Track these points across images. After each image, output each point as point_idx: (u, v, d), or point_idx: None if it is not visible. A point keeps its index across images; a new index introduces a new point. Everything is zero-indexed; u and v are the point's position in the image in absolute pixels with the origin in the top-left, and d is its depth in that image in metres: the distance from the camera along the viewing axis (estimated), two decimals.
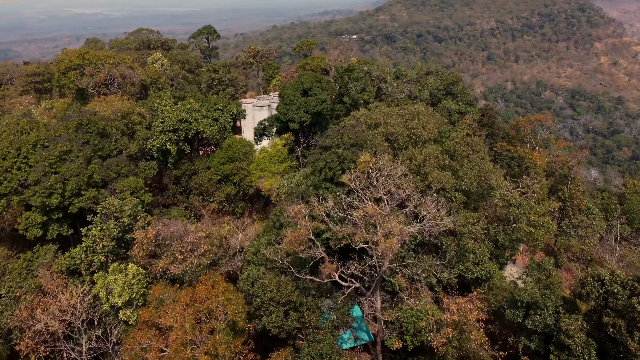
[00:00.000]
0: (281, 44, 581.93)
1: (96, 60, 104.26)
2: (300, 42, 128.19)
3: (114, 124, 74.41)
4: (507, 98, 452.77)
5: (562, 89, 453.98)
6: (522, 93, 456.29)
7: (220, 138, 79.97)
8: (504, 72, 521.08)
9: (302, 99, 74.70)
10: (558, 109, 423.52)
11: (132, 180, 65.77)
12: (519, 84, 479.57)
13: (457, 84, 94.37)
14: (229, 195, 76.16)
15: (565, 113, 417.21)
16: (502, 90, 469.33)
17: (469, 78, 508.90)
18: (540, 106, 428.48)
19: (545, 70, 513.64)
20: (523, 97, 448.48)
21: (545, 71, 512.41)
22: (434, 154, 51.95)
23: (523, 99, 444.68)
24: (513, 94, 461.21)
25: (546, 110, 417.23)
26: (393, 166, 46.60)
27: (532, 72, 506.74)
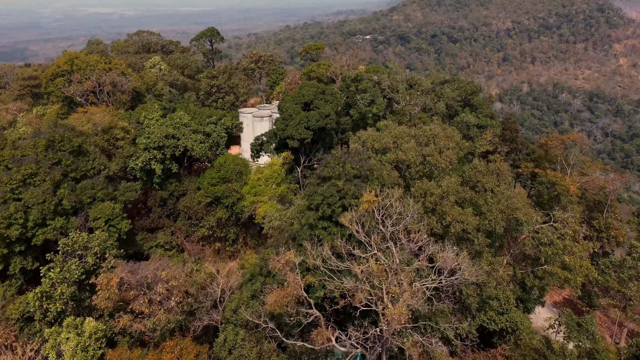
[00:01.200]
0: (293, 44, 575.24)
1: (85, 66, 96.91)
2: (307, 45, 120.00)
3: (93, 140, 66.75)
4: (523, 100, 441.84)
5: (580, 91, 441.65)
6: (539, 95, 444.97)
7: (212, 155, 72.14)
8: (520, 73, 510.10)
9: (302, 114, 66.45)
10: (575, 112, 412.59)
11: (107, 207, 57.96)
12: (535, 85, 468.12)
13: (477, 94, 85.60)
14: (220, 219, 68.25)
15: (583, 116, 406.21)
16: (517, 92, 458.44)
17: (484, 79, 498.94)
18: (557, 109, 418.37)
19: (563, 72, 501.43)
20: (539, 99, 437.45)
21: (562, 73, 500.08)
22: (453, 188, 43.49)
23: (539, 102, 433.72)
24: (529, 96, 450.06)
25: (563, 113, 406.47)
26: (403, 205, 38.20)
27: (549, 74, 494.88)
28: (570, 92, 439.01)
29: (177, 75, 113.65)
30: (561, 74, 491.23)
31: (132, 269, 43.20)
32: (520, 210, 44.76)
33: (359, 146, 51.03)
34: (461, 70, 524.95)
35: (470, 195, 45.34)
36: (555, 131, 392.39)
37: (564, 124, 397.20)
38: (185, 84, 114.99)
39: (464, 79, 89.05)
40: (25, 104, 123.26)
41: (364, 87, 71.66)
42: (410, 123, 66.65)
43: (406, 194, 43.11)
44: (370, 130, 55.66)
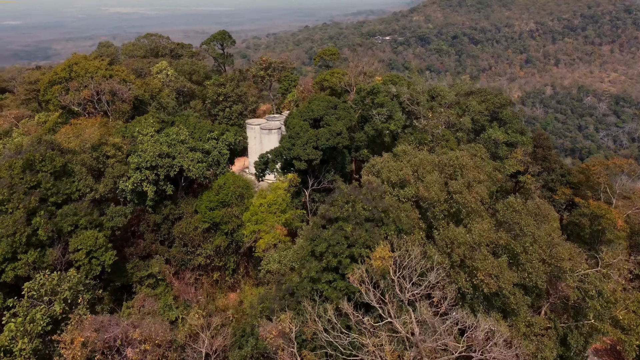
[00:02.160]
0: (312, 44, 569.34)
1: (84, 73, 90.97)
2: (321, 50, 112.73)
3: (80, 158, 60.37)
4: (546, 103, 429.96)
5: (605, 95, 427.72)
6: (562, 98, 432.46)
7: (211, 175, 65.40)
8: (543, 76, 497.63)
9: (311, 132, 59.32)
10: (601, 116, 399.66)
11: (89, 237, 51.50)
12: (558, 88, 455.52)
13: (505, 107, 77.63)
14: (219, 247, 61.47)
15: (608, 120, 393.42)
16: (540, 95, 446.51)
17: (506, 82, 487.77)
18: (581, 112, 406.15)
19: (588, 75, 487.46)
20: (563, 102, 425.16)
21: (587, 75, 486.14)
22: (486, 237, 35.97)
23: (563, 105, 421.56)
24: (552, 99, 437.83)
25: (588, 117, 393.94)
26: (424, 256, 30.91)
27: (573, 77, 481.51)
28: (596, 95, 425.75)
29: (184, 82, 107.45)
30: (586, 77, 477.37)
31: (100, 325, 36.46)
32: (567, 260, 37.18)
33: (372, 178, 43.84)
34: (482, 72, 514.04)
35: (506, 240, 37.88)
36: (579, 135, 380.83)
37: (588, 129, 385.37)
38: (193, 90, 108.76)
39: (491, 90, 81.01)
40: (28, 110, 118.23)
41: (381, 101, 64.31)
42: (432, 143, 59.26)
43: (428, 241, 35.84)
44: (387, 156, 48.39)
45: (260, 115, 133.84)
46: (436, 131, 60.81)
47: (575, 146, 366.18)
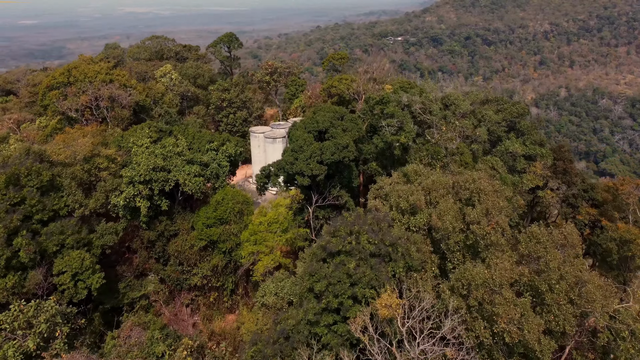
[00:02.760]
0: (323, 45, 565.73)
1: (83, 78, 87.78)
2: (330, 55, 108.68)
3: (71, 171, 56.78)
4: (560, 105, 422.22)
5: (621, 97, 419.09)
6: (577, 101, 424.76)
7: (210, 189, 61.61)
8: (557, 77, 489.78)
9: (315, 145, 55.26)
10: (616, 119, 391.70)
11: (75, 258, 47.91)
12: (573, 90, 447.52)
13: (523, 117, 73.08)
14: (216, 267, 57.65)
15: (624, 123, 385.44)
16: (555, 97, 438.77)
17: (520, 84, 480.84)
18: (596, 115, 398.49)
19: (603, 77, 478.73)
20: (578, 105, 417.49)
21: (602, 77, 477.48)
22: (508, 277, 31.59)
23: (578, 107, 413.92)
24: (567, 101, 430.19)
25: (603, 120, 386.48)
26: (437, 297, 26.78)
27: (588, 79, 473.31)
28: (611, 97, 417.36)
29: (188, 86, 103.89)
30: (601, 79, 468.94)
31: None
32: (598, 301, 32.84)
33: (379, 204, 39.74)
34: (495, 74, 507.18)
35: (529, 277, 33.60)
36: (594, 138, 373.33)
37: (603, 132, 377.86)
38: (197, 95, 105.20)
39: (507, 99, 76.47)
40: (30, 114, 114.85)
41: (391, 112, 60.12)
42: (446, 159, 55.00)
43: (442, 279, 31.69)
44: (396, 176, 44.26)
45: (267, 120, 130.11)
46: (450, 145, 56.52)
47: (590, 149, 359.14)
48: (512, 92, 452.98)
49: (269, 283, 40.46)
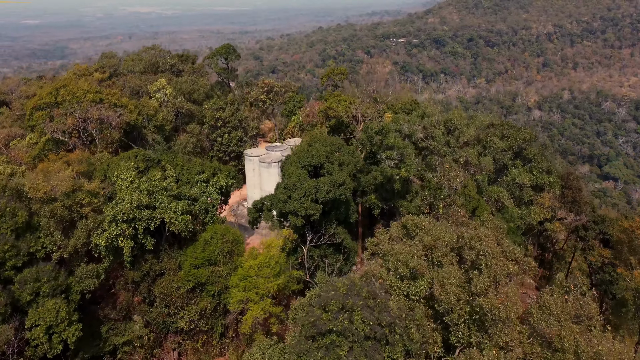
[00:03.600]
0: (325, 46, 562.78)
1: (71, 98, 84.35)
2: (329, 69, 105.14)
3: (50, 209, 53.37)
4: (564, 108, 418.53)
5: (625, 100, 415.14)
6: (580, 103, 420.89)
7: (199, 226, 58.16)
8: (560, 80, 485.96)
9: (309, 183, 51.82)
10: (620, 122, 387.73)
11: (50, 309, 44.54)
12: (577, 93, 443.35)
13: (530, 143, 69.60)
14: (204, 310, 54.26)
15: (628, 126, 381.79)
16: (558, 99, 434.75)
17: (523, 86, 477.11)
18: (600, 118, 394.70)
19: (607, 79, 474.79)
20: (581, 107, 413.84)
21: (606, 80, 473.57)
22: None
23: (581, 110, 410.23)
24: (570, 104, 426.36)
25: (607, 123, 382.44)
26: None
27: (591, 81, 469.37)
28: (615, 100, 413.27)
29: (183, 102, 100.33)
30: (605, 81, 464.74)
31: None
32: None
33: (376, 268, 36.22)
34: (498, 76, 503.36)
35: (542, 357, 30.05)
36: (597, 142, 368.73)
37: (607, 135, 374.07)
38: (191, 112, 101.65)
39: (513, 124, 72.95)
40: (21, 129, 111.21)
41: (391, 143, 56.63)
42: (449, 199, 51.48)
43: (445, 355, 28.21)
44: (395, 228, 40.76)
45: (265, 133, 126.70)
46: (454, 185, 52.98)
47: (593, 153, 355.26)
48: (515, 94, 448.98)
49: (255, 351, 37.11)
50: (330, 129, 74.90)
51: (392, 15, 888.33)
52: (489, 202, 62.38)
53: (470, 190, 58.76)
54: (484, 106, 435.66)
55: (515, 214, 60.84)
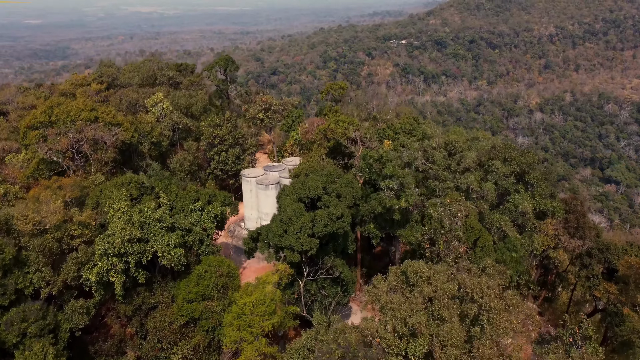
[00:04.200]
0: (327, 48, 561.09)
1: (65, 117, 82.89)
2: (329, 84, 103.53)
3: (39, 242, 51.87)
4: (566, 110, 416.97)
5: (627, 102, 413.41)
6: (582, 105, 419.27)
7: (193, 257, 56.61)
8: (562, 81, 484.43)
9: (306, 217, 50.30)
10: (622, 124, 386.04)
11: (37, 353, 43.08)
12: (578, 95, 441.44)
13: (533, 167, 67.96)
14: (198, 346, 52.74)
15: (630, 129, 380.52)
16: (560, 101, 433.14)
17: (524, 88, 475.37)
18: (602, 120, 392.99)
19: (609, 81, 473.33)
20: (583, 109, 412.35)
21: (608, 82, 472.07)
22: None
23: (583, 112, 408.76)
24: (572, 106, 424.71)
25: (609, 126, 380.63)
26: None
27: (593, 83, 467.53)
28: (617, 102, 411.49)
29: (180, 118, 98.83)
30: (607, 83, 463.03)
31: None
32: None
33: (372, 325, 34.54)
34: (500, 78, 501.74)
35: None
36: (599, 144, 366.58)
37: (609, 137, 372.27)
38: (189, 127, 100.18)
39: (517, 147, 71.30)
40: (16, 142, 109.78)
41: (391, 172, 55.07)
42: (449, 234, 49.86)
43: None
44: (394, 277, 39.13)
45: (265, 144, 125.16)
46: (456, 222, 51.32)
47: (595, 155, 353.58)
48: (516, 96, 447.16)
49: None
50: (328, 150, 73.43)
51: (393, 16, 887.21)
52: (491, 231, 60.78)
53: (471, 219, 57.12)
54: (486, 108, 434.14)
55: (518, 243, 59.24)
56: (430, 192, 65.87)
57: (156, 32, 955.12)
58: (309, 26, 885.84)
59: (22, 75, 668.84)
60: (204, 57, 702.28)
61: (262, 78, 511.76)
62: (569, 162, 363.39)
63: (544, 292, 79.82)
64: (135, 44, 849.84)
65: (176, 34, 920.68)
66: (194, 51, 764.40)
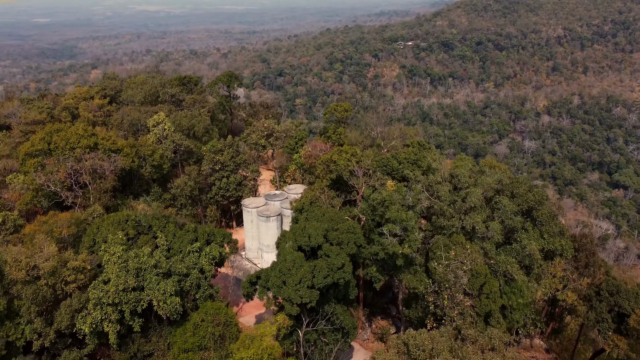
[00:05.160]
0: (333, 49, 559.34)
1: (64, 145, 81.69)
2: (333, 105, 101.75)
3: (32, 290, 50.55)
4: (573, 113, 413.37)
5: (635, 105, 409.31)
6: (590, 108, 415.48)
7: (190, 303, 55.17)
8: (570, 84, 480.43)
9: (305, 267, 48.72)
10: (631, 128, 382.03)
11: None
12: (586, 98, 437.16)
13: (543, 204, 66.07)
14: None
15: (639, 133, 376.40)
16: (567, 104, 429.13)
17: (532, 90, 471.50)
18: (610, 124, 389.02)
19: (617, 84, 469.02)
20: (591, 112, 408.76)
21: (617, 84, 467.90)
22: None
23: (591, 115, 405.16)
24: (580, 109, 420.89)
25: (617, 129, 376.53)
26: None
27: (602, 85, 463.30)
28: (625, 105, 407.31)
29: (182, 140, 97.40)
30: (616, 86, 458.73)
31: None
32: None
33: None
34: (507, 80, 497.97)
35: None
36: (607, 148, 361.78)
37: (617, 141, 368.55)
38: (190, 149, 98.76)
39: (524, 180, 69.25)
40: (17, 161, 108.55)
41: (394, 217, 53.37)
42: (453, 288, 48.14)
43: None
44: (394, 350, 37.45)
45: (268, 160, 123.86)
46: (461, 277, 49.56)
47: (603, 160, 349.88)
48: (524, 98, 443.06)
49: None
50: (331, 182, 71.71)
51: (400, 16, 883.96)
52: (497, 273, 59.08)
53: (477, 264, 55.52)
54: (492, 111, 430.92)
55: (525, 289, 57.56)
56: (435, 228, 64.28)
57: (163, 31, 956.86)
58: (315, 26, 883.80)
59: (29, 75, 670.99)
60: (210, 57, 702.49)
61: (268, 79, 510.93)
62: (576, 166, 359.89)
63: (551, 324, 77.92)
64: (142, 44, 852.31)
65: (183, 33, 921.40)
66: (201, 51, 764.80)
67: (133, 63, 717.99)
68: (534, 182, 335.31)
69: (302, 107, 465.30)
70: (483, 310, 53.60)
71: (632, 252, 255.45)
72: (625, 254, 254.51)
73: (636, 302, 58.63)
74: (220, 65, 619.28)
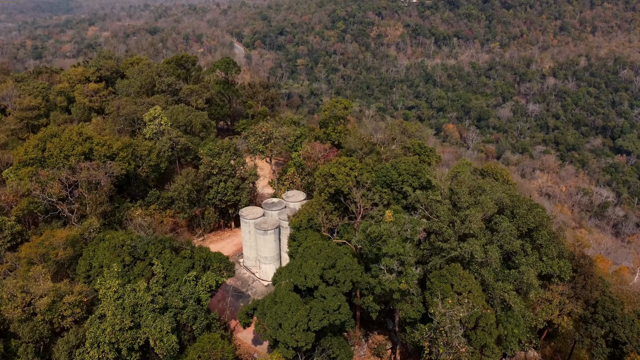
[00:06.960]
0: (335, 6, 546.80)
1: (58, 153, 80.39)
2: (332, 100, 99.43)
3: (29, 328, 50.72)
4: (579, 76, 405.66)
5: None
6: (597, 70, 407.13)
7: (187, 336, 55.40)
8: (577, 45, 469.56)
9: (301, 311, 48.52)
10: (637, 91, 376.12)
11: None
12: (593, 59, 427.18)
13: (544, 225, 65.25)
14: None
15: None
16: (574, 66, 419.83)
17: (538, 51, 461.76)
18: (616, 86, 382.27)
19: (626, 44, 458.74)
20: (597, 75, 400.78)
21: (625, 45, 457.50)
22: None
23: (597, 78, 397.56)
24: (586, 71, 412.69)
25: (623, 92, 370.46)
26: None
27: (610, 46, 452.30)
28: (633, 67, 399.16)
29: (179, 136, 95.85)
30: (624, 47, 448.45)
31: None
32: None
33: None
34: (513, 40, 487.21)
35: None
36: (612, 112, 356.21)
37: (622, 105, 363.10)
38: (187, 147, 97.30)
39: (525, 201, 67.86)
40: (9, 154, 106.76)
41: (392, 252, 52.77)
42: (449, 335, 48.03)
43: None
44: None
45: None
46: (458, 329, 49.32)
47: (607, 124, 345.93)
48: (529, 60, 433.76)
49: None
50: (329, 195, 70.74)
51: None
52: (494, 300, 59.00)
53: (474, 294, 55.33)
54: (497, 72, 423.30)
55: (521, 319, 57.59)
56: (434, 249, 63.90)
57: None
58: None
59: (25, 31, 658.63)
60: (210, 13, 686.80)
61: (269, 38, 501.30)
62: (579, 130, 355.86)
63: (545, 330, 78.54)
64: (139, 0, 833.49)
65: None
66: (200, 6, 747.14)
67: (131, 19, 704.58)
68: (537, 147, 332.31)
69: (303, 67, 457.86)
70: (478, 343, 53.76)
71: (631, 220, 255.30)
72: (624, 222, 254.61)
73: (631, 330, 58.71)
74: (220, 22, 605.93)
